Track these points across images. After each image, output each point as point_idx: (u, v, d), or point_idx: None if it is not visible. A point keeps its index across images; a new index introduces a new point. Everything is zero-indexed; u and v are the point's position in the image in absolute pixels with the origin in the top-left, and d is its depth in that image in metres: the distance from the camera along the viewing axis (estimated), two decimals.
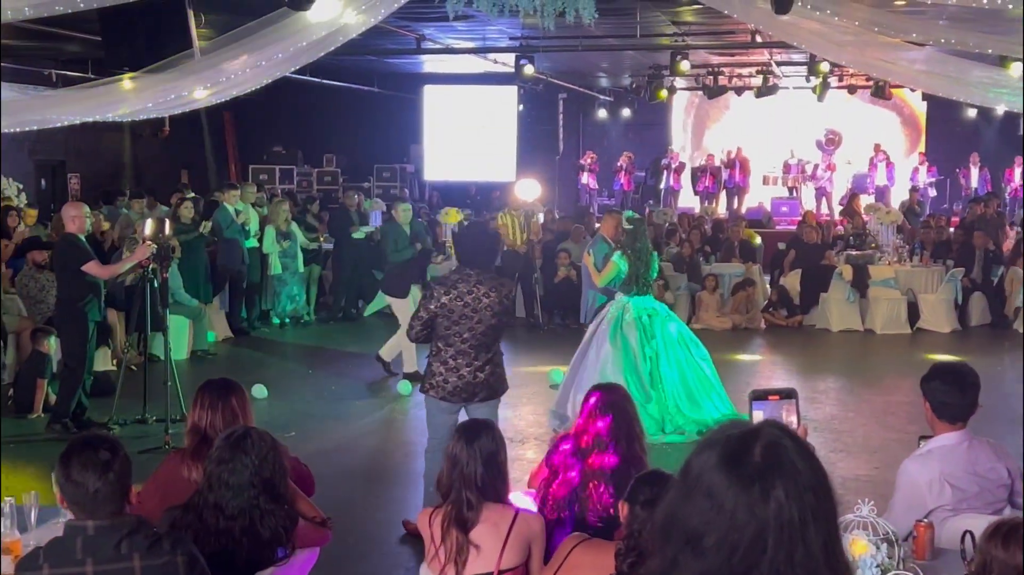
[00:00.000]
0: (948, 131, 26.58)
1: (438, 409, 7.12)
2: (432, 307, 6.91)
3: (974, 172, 24.92)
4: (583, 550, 4.20)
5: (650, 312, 10.43)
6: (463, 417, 6.70)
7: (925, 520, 4.42)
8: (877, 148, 25.86)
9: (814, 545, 1.78)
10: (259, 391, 11.34)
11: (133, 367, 11.76)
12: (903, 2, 14.78)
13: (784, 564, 1.76)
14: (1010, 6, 12.19)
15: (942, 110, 25.24)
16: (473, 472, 4.55)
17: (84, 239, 10.14)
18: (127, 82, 12.89)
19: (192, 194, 17.11)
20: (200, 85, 13.80)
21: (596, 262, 10.95)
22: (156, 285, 10.29)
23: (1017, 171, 24.10)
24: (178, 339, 12.84)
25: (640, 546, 3.77)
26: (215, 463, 4.24)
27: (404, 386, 11.98)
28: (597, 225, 19.06)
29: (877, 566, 3.91)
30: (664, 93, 23.34)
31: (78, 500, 3.68)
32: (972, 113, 25.40)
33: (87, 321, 9.96)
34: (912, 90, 24.23)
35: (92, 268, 9.93)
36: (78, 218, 10.05)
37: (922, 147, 27.15)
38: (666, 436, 9.98)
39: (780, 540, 1.76)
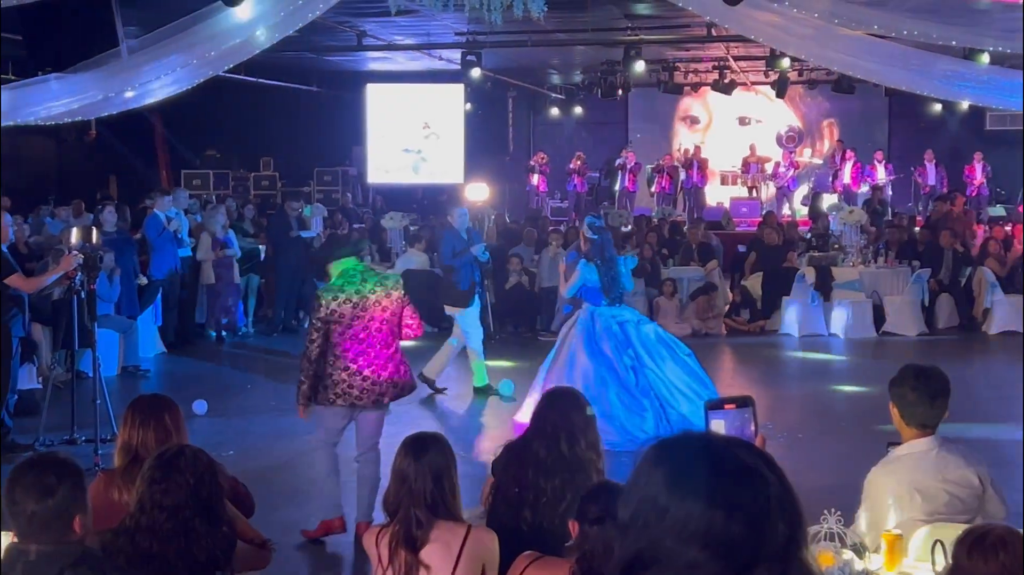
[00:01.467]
0: (911, 127, 26.31)
1: (328, 414, 7.34)
2: (323, 315, 7.07)
3: (930, 169, 24.56)
4: (536, 569, 4.06)
5: (620, 320, 10.19)
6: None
7: (894, 530, 4.35)
8: (840, 146, 25.47)
9: (794, 550, 1.78)
10: (195, 407, 11.04)
11: (60, 385, 11.33)
12: None
13: (788, 539, 1.76)
14: None
15: (904, 105, 24.94)
16: (422, 489, 4.36)
17: (6, 250, 9.88)
18: (51, 83, 12.34)
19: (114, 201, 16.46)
20: (128, 86, 13.25)
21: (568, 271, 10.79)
22: (83, 297, 9.84)
23: (977, 167, 23.75)
24: (107, 354, 12.45)
25: (595, 567, 3.67)
26: (147, 483, 4.09)
27: None
28: (551, 229, 18.59)
29: None
30: (615, 93, 22.83)
31: (17, 522, 3.64)
32: (936, 108, 25.10)
33: (10, 337, 9.62)
34: (875, 85, 23.87)
35: (15, 281, 9.65)
36: None
37: (883, 144, 26.79)
38: None
39: (784, 515, 1.76)
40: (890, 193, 24.75)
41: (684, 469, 1.80)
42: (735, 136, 27.07)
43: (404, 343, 7.52)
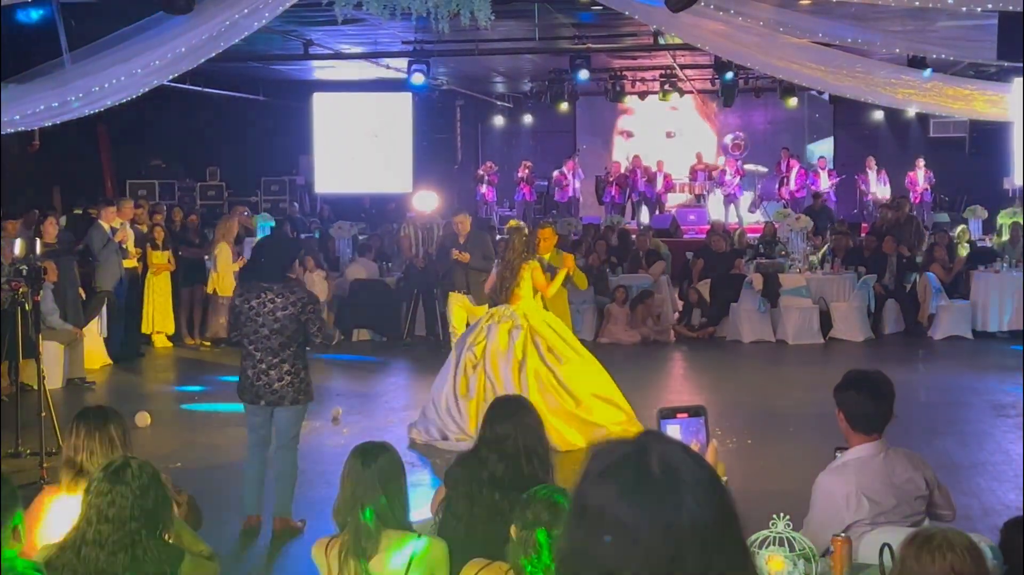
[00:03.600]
0: (855, 134, 26.50)
1: (248, 411, 7.72)
2: (235, 303, 7.61)
3: (871, 176, 24.72)
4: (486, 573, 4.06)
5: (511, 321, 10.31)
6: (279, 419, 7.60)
7: (843, 534, 4.33)
8: (785, 153, 25.61)
9: (733, 545, 1.76)
10: (141, 419, 10.92)
11: (4, 398, 11.30)
12: (808, 1, 14.40)
13: (705, 572, 1.72)
14: (916, 3, 11.86)
15: (849, 112, 25.15)
16: (371, 497, 4.33)
17: None
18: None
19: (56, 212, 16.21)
20: (72, 95, 13.09)
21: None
22: (27, 309, 9.70)
23: (920, 173, 23.95)
24: (52, 367, 12.30)
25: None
26: (93, 496, 4.05)
27: None
28: (499, 238, 18.54)
29: None
30: (565, 106, 22.86)
31: None
32: (879, 116, 25.33)
33: None
34: (819, 92, 24.05)
35: None
36: None
37: (827, 150, 26.98)
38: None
39: (699, 547, 1.72)
40: (834, 199, 24.92)
41: (615, 473, 1.79)
42: (682, 144, 27.21)
43: None
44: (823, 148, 27.36)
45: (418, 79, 17.93)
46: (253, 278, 7.71)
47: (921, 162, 24.05)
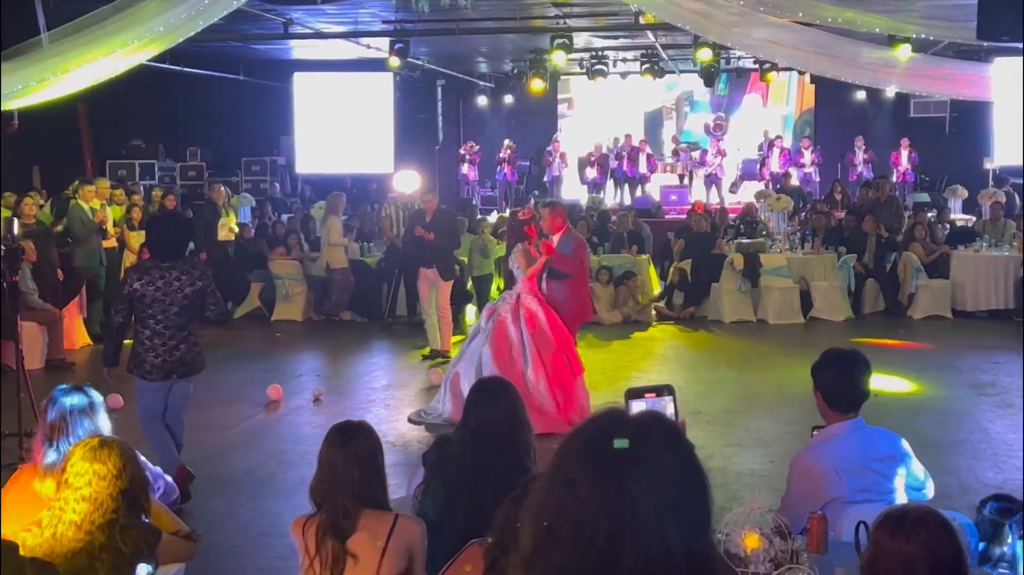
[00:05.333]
0: (837, 114, 26.52)
1: (144, 388, 7.93)
2: (126, 292, 7.74)
3: (859, 155, 24.75)
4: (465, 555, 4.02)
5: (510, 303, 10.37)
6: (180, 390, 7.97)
7: (819, 512, 4.34)
8: (767, 135, 25.65)
9: (674, 543, 1.75)
10: (114, 401, 10.56)
11: None
12: None
13: (641, 560, 1.73)
14: None
15: (830, 92, 25.16)
16: (348, 478, 4.31)
17: None
18: None
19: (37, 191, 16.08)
20: (50, 74, 13.00)
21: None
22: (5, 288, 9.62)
23: (904, 153, 24.00)
24: (31, 347, 12.34)
25: (505, 539, 3.63)
26: (70, 476, 4.07)
27: (273, 390, 11.48)
28: (479, 217, 18.51)
29: (770, 560, 3.87)
30: (538, 84, 22.77)
31: None
32: (861, 95, 25.33)
33: None
34: (800, 72, 24.05)
35: None
36: None
37: (808, 131, 27.02)
38: None
39: (635, 535, 1.73)
40: (817, 180, 24.94)
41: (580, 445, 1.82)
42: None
43: None
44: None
45: (394, 63, 17.89)
46: (158, 258, 7.87)
47: (905, 142, 24.09)
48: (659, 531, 1.74)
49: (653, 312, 16.40)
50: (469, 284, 16.05)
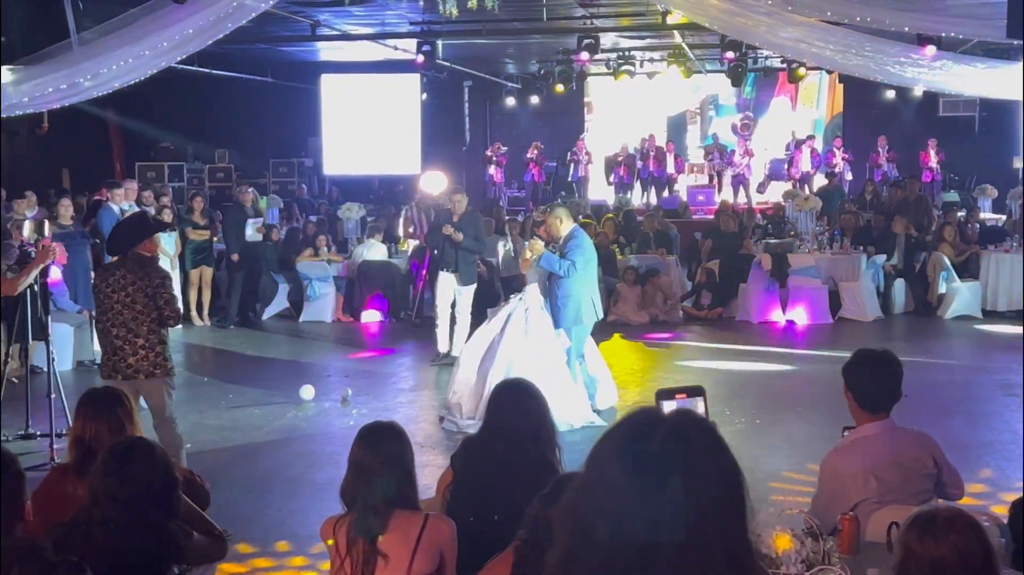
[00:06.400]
0: (865, 113, 26.40)
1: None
2: (96, 283, 7.93)
3: (883, 155, 24.64)
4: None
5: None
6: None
7: (850, 513, 4.33)
8: (794, 135, 25.58)
9: (713, 540, 1.76)
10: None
11: (14, 380, 11.11)
12: None
13: (679, 560, 1.74)
14: None
15: (859, 91, 25.05)
16: (379, 477, 4.30)
17: None
18: (2, 75, 12.21)
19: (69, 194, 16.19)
20: (80, 77, 13.09)
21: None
22: (37, 290, 9.56)
23: (932, 153, 23.88)
24: (62, 348, 12.17)
25: (537, 540, 3.63)
26: (101, 476, 4.05)
27: (306, 391, 11.43)
28: (507, 218, 18.53)
29: (802, 561, 3.85)
30: (561, 86, 22.76)
31: None
32: (890, 95, 25.20)
33: None
34: (828, 72, 23.95)
35: None
36: None
37: (839, 131, 26.92)
38: None
39: (676, 533, 1.73)
40: (849, 178, 24.82)
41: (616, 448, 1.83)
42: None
43: None
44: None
45: (420, 58, 17.89)
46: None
47: (933, 142, 23.96)
48: (700, 528, 1.75)
49: (680, 312, 16.36)
50: (497, 285, 16.04)
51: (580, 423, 9.78)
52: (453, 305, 12.96)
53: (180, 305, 8.12)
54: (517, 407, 4.92)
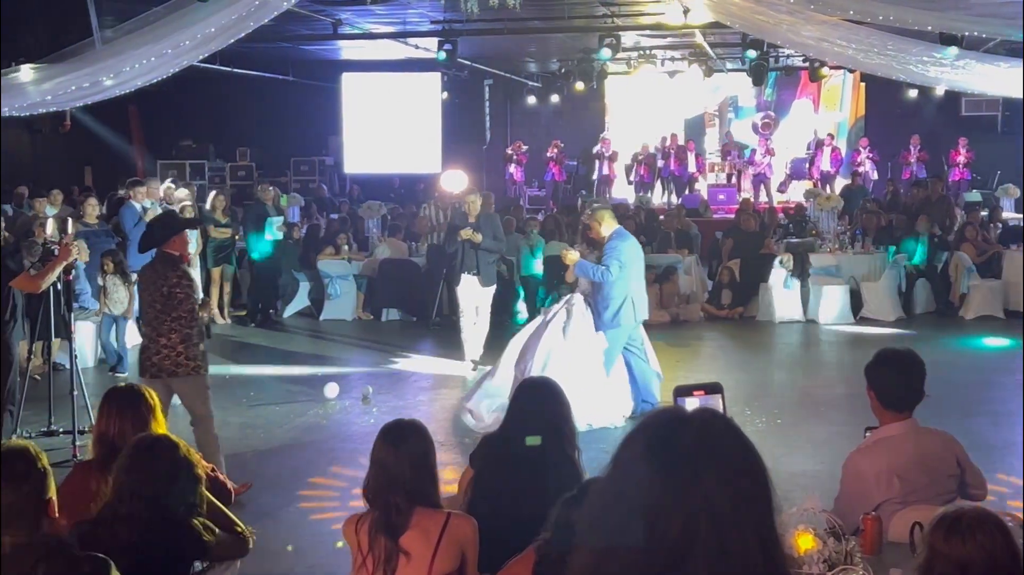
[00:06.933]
0: (888, 113, 26.29)
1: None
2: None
3: (914, 154, 24.54)
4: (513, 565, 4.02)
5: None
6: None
7: (873, 513, 4.32)
8: (816, 134, 25.50)
9: (748, 532, 1.75)
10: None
11: (37, 377, 11.15)
12: None
13: (717, 554, 1.72)
14: None
15: (881, 90, 24.95)
16: (401, 476, 4.32)
17: None
18: (25, 74, 12.22)
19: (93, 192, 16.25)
20: (103, 75, 13.14)
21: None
22: (60, 288, 9.62)
23: (962, 151, 23.76)
24: (84, 346, 12.45)
25: (560, 542, 3.63)
26: (124, 473, 4.08)
27: (330, 389, 11.46)
28: (527, 217, 18.51)
29: (824, 561, 3.84)
30: (580, 85, 22.72)
31: None
32: (912, 94, 25.10)
33: (10, 348, 9.53)
34: (850, 71, 23.85)
35: (22, 282, 9.38)
36: None
37: (862, 133, 26.82)
38: None
39: (711, 529, 1.73)
40: (874, 177, 24.72)
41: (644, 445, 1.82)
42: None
43: None
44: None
45: (441, 55, 17.87)
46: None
47: (964, 140, 23.85)
48: (734, 521, 1.74)
49: (701, 312, 16.33)
50: (517, 283, 16.03)
51: (600, 424, 9.75)
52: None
53: (197, 304, 8.09)
54: (538, 406, 4.94)
